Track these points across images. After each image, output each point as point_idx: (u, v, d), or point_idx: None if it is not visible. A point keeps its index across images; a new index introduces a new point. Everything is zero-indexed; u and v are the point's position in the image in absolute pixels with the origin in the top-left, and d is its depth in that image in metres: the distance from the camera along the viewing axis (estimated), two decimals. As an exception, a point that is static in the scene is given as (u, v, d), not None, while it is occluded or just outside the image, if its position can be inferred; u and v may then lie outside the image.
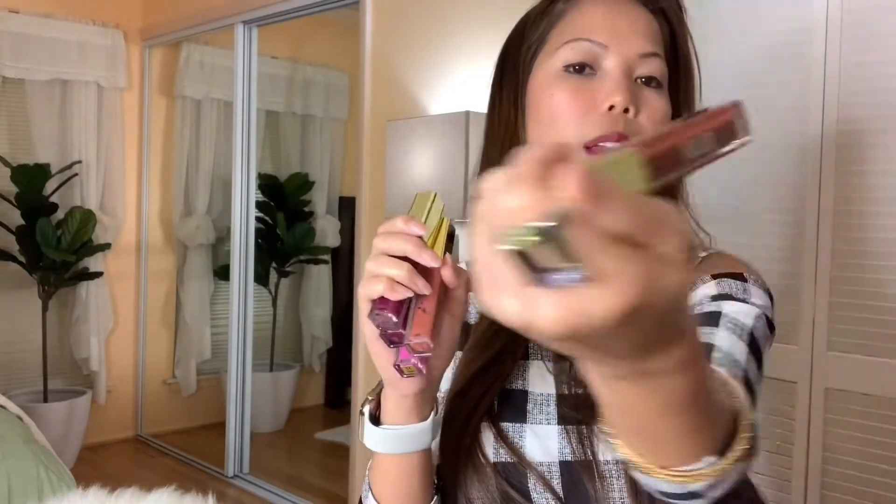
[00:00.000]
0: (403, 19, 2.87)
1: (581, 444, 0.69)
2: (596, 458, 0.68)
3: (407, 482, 0.69)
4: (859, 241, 1.76)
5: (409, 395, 0.64)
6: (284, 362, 4.79)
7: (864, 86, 1.76)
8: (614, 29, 0.72)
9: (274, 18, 3.58)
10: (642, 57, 0.72)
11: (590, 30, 0.72)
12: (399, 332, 0.57)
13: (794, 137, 1.85)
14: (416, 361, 0.59)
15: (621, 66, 0.71)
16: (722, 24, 1.93)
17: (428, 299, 0.58)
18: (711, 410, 0.42)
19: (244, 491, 3.66)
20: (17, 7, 3.85)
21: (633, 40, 0.72)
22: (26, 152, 3.93)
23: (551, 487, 0.69)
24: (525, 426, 0.72)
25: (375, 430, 0.66)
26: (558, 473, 0.69)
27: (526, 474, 0.70)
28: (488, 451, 0.72)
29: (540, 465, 0.70)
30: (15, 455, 2.12)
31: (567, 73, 0.72)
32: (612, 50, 0.71)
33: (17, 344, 3.95)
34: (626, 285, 0.30)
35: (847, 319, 1.77)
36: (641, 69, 0.72)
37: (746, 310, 0.68)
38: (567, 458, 0.69)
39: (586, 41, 0.72)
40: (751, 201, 1.93)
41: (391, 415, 0.66)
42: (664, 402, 0.39)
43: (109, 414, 4.26)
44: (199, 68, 4.37)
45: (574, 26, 0.74)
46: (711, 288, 0.71)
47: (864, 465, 1.74)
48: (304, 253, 4.71)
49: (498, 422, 0.73)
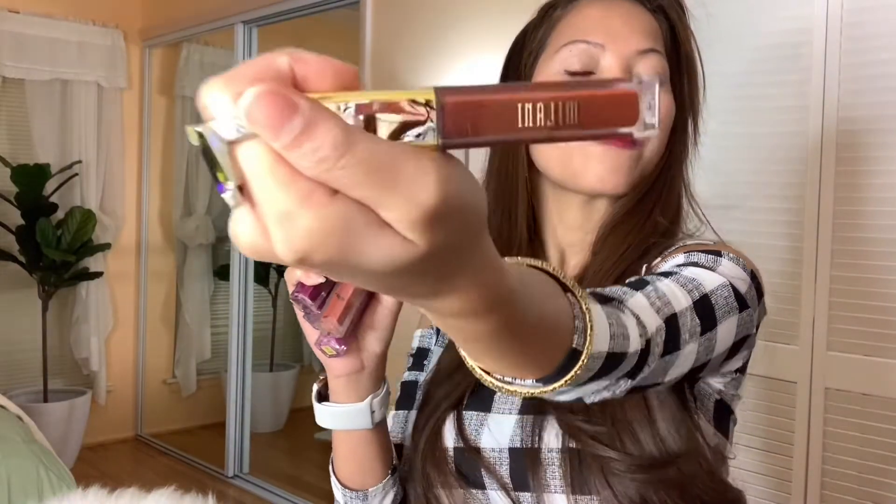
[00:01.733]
0: (403, 19, 2.87)
1: (531, 432, 0.71)
2: (539, 446, 0.70)
3: (355, 458, 0.74)
4: (859, 241, 1.76)
5: (340, 375, 0.69)
6: (284, 362, 4.78)
7: (864, 86, 1.76)
8: (610, 28, 0.73)
9: (274, 18, 3.58)
10: (640, 53, 0.73)
11: (585, 31, 0.73)
12: (315, 314, 0.61)
13: (794, 137, 1.85)
14: (334, 343, 0.65)
15: (619, 64, 0.72)
16: (722, 25, 1.93)
17: (345, 286, 0.62)
18: (533, 345, 0.41)
19: (244, 491, 3.66)
20: (17, 7, 3.85)
21: (630, 38, 0.73)
22: (26, 152, 3.93)
23: (497, 474, 0.71)
24: (488, 416, 0.74)
25: (318, 406, 0.72)
26: (507, 460, 0.71)
27: (478, 462, 0.73)
28: (448, 438, 0.75)
29: (492, 451, 0.72)
30: (15, 455, 2.12)
31: (568, 76, 0.73)
32: (608, 49, 0.72)
33: (17, 344, 3.95)
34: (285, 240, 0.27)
35: (847, 319, 1.77)
36: (640, 66, 0.73)
37: (708, 275, 0.66)
38: (516, 445, 0.71)
39: (583, 42, 0.73)
40: (751, 201, 1.93)
41: (333, 393, 0.71)
42: (468, 336, 0.38)
43: (109, 414, 4.26)
44: (199, 68, 4.37)
45: (571, 29, 0.75)
46: (679, 258, 0.70)
47: (863, 465, 1.74)
48: (305, 253, 4.71)
49: (462, 411, 0.75)
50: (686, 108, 0.80)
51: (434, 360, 0.84)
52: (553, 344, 0.43)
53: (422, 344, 0.88)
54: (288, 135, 0.25)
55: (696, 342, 0.61)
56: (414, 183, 0.27)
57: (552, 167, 0.76)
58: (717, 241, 0.77)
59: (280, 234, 0.27)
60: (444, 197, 0.27)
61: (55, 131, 4.01)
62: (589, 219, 0.79)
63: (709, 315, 0.62)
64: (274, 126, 0.25)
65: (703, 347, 0.62)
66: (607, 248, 0.75)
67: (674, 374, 0.59)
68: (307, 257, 0.27)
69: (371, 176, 0.26)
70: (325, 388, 0.73)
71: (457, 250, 0.30)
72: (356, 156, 0.26)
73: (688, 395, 0.72)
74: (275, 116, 0.25)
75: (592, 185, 0.74)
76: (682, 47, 0.78)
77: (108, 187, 4.19)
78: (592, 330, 0.45)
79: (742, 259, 0.70)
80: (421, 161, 0.27)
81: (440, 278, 0.31)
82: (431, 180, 0.27)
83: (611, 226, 0.77)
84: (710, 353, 0.63)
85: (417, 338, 0.89)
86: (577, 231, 0.79)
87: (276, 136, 0.25)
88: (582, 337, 0.44)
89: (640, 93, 0.31)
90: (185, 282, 4.49)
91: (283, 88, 0.26)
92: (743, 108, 1.93)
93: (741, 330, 0.67)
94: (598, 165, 0.73)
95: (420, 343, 0.88)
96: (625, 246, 0.74)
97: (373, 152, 0.26)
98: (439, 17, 2.74)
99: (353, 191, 0.26)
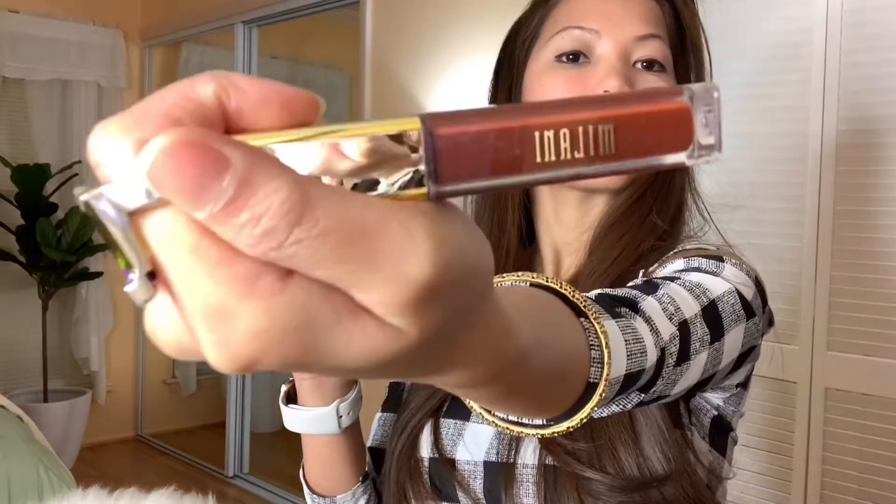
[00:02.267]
0: (403, 19, 2.87)
1: (508, 445, 0.68)
2: (515, 461, 0.67)
3: (323, 463, 0.73)
4: (859, 241, 1.76)
5: (305, 378, 0.69)
6: (284, 362, 4.78)
7: (864, 86, 1.76)
8: (606, 14, 0.69)
9: (274, 18, 3.58)
10: (639, 39, 0.69)
11: (580, 17, 0.70)
12: None
13: (794, 137, 1.85)
14: None
15: (616, 50, 0.68)
16: (722, 24, 1.93)
17: None
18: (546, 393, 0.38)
19: (244, 491, 3.66)
20: (17, 7, 3.85)
21: (628, 24, 0.69)
22: (26, 152, 3.93)
23: (468, 487, 0.69)
24: (467, 424, 0.71)
25: (284, 409, 0.71)
26: (482, 473, 0.69)
27: (451, 474, 0.70)
28: (423, 447, 0.72)
29: (467, 463, 0.70)
30: (15, 455, 2.12)
31: (560, 62, 0.70)
32: (604, 35, 0.68)
33: (17, 344, 3.95)
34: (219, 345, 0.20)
35: (847, 319, 1.77)
36: (639, 52, 0.69)
37: (713, 281, 0.61)
38: (492, 458, 0.68)
39: (577, 28, 0.69)
40: (751, 201, 1.93)
41: (300, 396, 0.71)
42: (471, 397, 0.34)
43: (109, 414, 4.26)
44: (199, 68, 4.35)
45: (565, 15, 0.71)
46: (678, 264, 0.65)
47: (863, 465, 1.74)
48: (304, 253, 4.71)
49: (440, 419, 0.72)
50: None
51: None
52: (568, 386, 0.39)
53: None
54: (215, 202, 0.18)
55: (706, 352, 0.56)
56: (400, 253, 0.20)
57: None
58: (719, 245, 0.72)
59: (211, 338, 0.19)
60: (442, 268, 0.20)
61: (55, 131, 4.01)
62: (585, 216, 0.75)
63: (717, 323, 0.57)
64: (193, 191, 0.18)
65: (711, 358, 0.57)
66: (602, 249, 0.71)
67: (681, 386, 0.55)
68: (254, 363, 0.20)
69: (340, 249, 0.19)
70: (293, 389, 0.73)
71: (457, 327, 0.23)
72: (317, 223, 0.19)
73: (682, 409, 0.68)
74: (194, 177, 0.18)
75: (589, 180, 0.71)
76: (686, 32, 0.73)
77: (108, 187, 4.19)
78: (610, 358, 0.41)
79: (745, 265, 0.66)
80: (408, 221, 0.20)
81: (436, 360, 0.24)
82: (423, 248, 0.20)
83: (608, 226, 0.72)
84: (716, 364, 0.58)
85: None
86: (572, 230, 0.76)
87: (198, 204, 0.18)
88: (599, 368, 0.40)
89: (693, 106, 0.24)
90: (185, 282, 4.49)
91: (206, 133, 0.19)
92: (743, 108, 1.93)
93: (747, 341, 0.62)
94: None
95: None
96: (620, 247, 0.70)
97: (340, 216, 0.19)
98: (439, 17, 2.74)
99: (315, 271, 0.19)
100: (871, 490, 1.73)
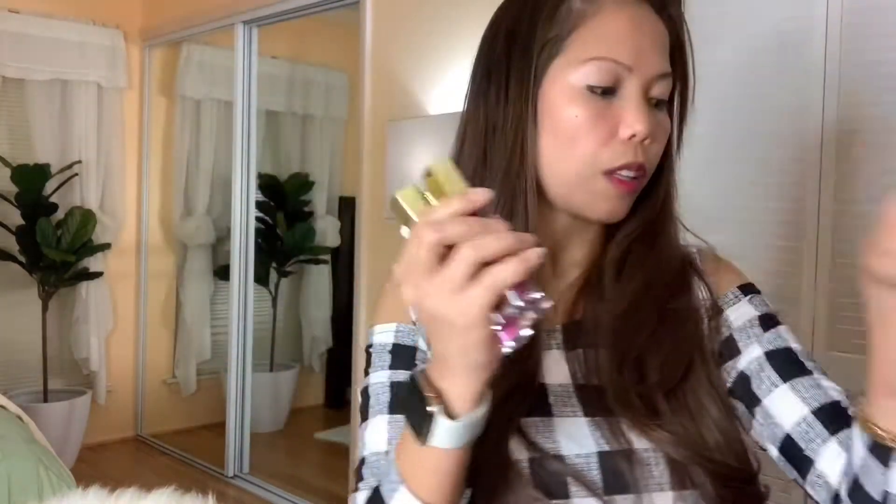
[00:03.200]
0: (403, 19, 2.87)
1: (613, 434, 0.68)
2: (632, 447, 0.68)
3: (453, 474, 0.60)
4: (859, 241, 1.76)
5: (487, 374, 0.57)
6: (284, 362, 4.79)
7: (864, 85, 1.76)
8: (638, 47, 0.70)
9: (274, 18, 3.58)
10: (659, 78, 0.71)
11: (616, 48, 0.69)
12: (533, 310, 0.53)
13: (794, 137, 1.85)
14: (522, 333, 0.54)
15: (642, 89, 0.70)
16: (722, 24, 1.93)
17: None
18: None
19: (244, 491, 3.66)
20: (17, 7, 3.85)
21: (654, 59, 0.71)
22: (26, 152, 3.93)
23: (587, 481, 0.66)
24: (553, 420, 0.70)
25: (451, 426, 0.57)
26: (597, 464, 0.68)
27: (563, 470, 0.67)
28: (516, 450, 0.68)
29: (577, 457, 0.68)
30: (15, 455, 2.12)
31: (591, 93, 0.69)
32: (634, 72, 0.70)
33: (17, 344, 3.95)
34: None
35: (847, 319, 1.77)
36: (655, 90, 0.71)
37: (786, 329, 0.76)
38: (604, 448, 0.68)
39: (612, 62, 0.69)
40: (751, 201, 1.93)
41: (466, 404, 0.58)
42: None
43: (109, 414, 4.26)
44: (199, 68, 4.36)
45: (598, 38, 0.70)
46: (749, 308, 0.76)
47: (864, 465, 1.74)
48: (304, 253, 4.71)
49: (522, 419, 0.69)
50: (680, 116, 0.78)
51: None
52: None
53: (400, 340, 0.78)
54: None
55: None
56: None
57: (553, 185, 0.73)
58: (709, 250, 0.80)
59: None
60: None
61: (55, 131, 4.01)
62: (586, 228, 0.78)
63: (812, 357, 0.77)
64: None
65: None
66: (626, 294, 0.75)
67: None
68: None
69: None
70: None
71: None
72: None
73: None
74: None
75: (598, 217, 0.73)
76: (681, 57, 0.76)
77: (108, 187, 4.19)
78: None
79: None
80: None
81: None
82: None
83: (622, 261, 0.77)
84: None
85: (391, 333, 0.78)
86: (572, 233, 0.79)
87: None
88: None
89: None
90: (185, 282, 4.49)
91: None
92: (743, 108, 1.93)
93: None
94: (604, 204, 0.72)
95: (398, 339, 0.78)
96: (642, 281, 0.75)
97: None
98: (439, 17, 2.74)
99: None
100: (871, 490, 1.73)
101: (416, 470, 0.61)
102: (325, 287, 4.99)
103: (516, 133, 0.72)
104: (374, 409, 0.75)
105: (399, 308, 0.78)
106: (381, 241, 2.92)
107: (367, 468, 0.73)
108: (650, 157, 0.71)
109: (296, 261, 4.73)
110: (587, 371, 0.72)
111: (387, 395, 0.75)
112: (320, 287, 4.97)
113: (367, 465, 0.74)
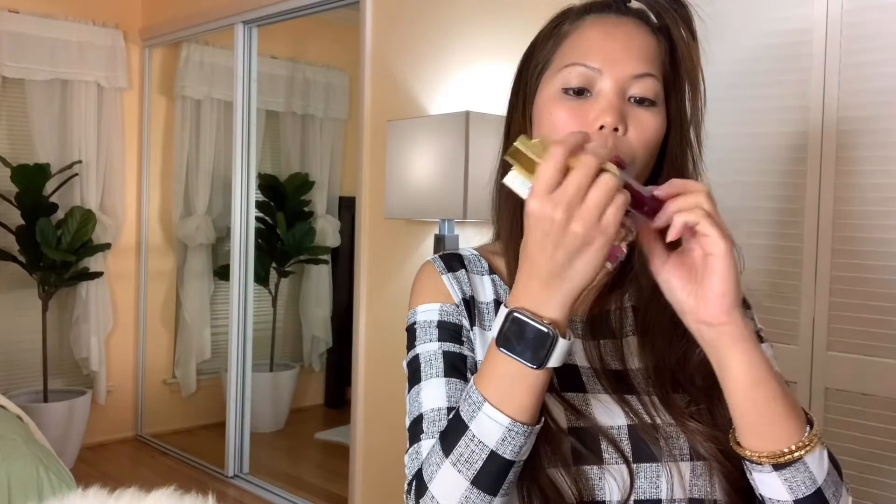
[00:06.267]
0: (403, 19, 2.87)
1: (635, 410, 0.77)
2: (655, 422, 0.76)
3: (539, 393, 0.68)
4: (859, 241, 1.76)
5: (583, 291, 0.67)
6: (284, 362, 4.79)
7: (864, 86, 1.76)
8: (608, 53, 0.78)
9: (274, 18, 3.58)
10: (635, 78, 0.78)
11: (586, 54, 0.79)
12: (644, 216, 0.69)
13: (793, 137, 1.85)
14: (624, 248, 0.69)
15: (614, 88, 0.77)
16: (722, 24, 1.93)
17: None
18: None
19: (244, 491, 3.66)
20: (17, 7, 3.86)
21: (626, 63, 0.77)
22: (26, 152, 3.94)
23: (621, 449, 0.75)
24: (587, 395, 0.79)
25: (565, 345, 0.66)
26: (626, 436, 0.76)
27: (598, 438, 0.75)
28: (559, 418, 0.76)
29: (610, 428, 0.77)
30: (15, 455, 2.12)
31: (566, 94, 0.79)
32: (605, 73, 0.77)
33: (17, 344, 3.95)
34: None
35: (847, 319, 1.78)
36: (634, 89, 0.78)
37: (767, 346, 0.82)
38: (633, 421, 0.77)
39: (582, 66, 0.78)
40: (751, 201, 1.93)
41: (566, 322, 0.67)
42: None
43: (109, 414, 4.26)
44: (199, 68, 4.36)
45: (574, 50, 0.80)
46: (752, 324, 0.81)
47: (863, 465, 1.74)
48: (304, 253, 4.71)
49: (560, 393, 0.78)
50: (687, 122, 0.83)
51: (478, 345, 0.83)
52: None
53: (445, 318, 0.84)
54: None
55: None
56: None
57: None
58: None
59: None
60: None
61: (55, 131, 4.01)
62: None
63: None
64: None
65: None
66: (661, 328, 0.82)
67: None
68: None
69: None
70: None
71: None
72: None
73: None
74: None
75: None
76: (682, 64, 0.81)
77: (108, 187, 4.19)
78: None
79: None
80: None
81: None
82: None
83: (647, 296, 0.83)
84: None
85: (435, 311, 0.85)
86: None
87: None
88: None
89: None
90: (185, 282, 4.49)
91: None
92: (743, 108, 1.93)
93: None
94: None
95: (443, 317, 0.84)
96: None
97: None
98: (439, 17, 2.74)
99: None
100: (872, 490, 1.73)
101: (512, 391, 0.67)
102: (325, 287, 4.99)
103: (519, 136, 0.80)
104: (426, 374, 0.81)
105: (440, 291, 0.86)
106: (381, 241, 2.92)
107: (426, 422, 0.78)
108: (624, 147, 0.76)
109: (296, 261, 4.73)
110: (609, 359, 0.82)
111: (440, 361, 0.82)
112: (320, 287, 4.97)
113: (426, 420, 0.79)
